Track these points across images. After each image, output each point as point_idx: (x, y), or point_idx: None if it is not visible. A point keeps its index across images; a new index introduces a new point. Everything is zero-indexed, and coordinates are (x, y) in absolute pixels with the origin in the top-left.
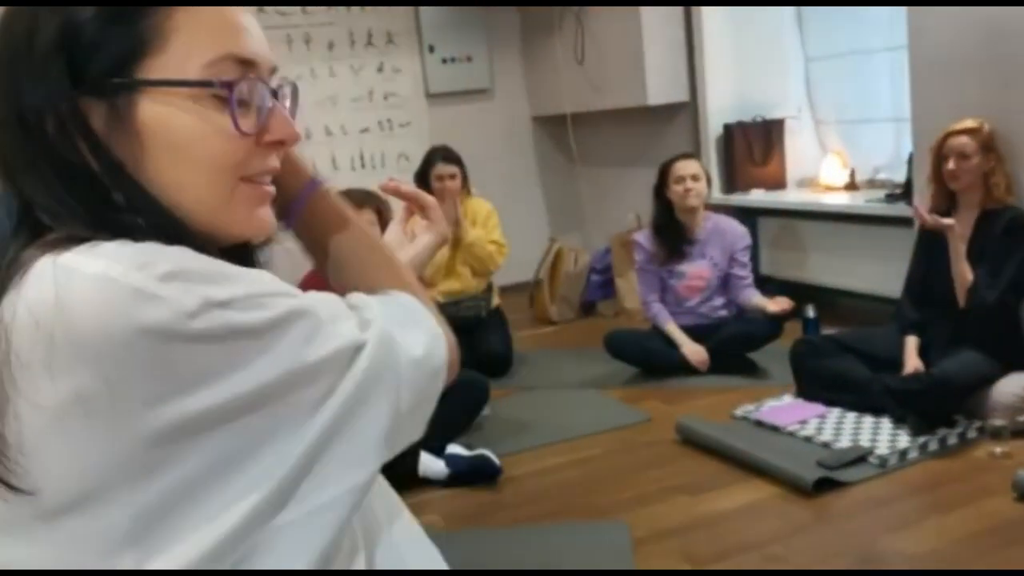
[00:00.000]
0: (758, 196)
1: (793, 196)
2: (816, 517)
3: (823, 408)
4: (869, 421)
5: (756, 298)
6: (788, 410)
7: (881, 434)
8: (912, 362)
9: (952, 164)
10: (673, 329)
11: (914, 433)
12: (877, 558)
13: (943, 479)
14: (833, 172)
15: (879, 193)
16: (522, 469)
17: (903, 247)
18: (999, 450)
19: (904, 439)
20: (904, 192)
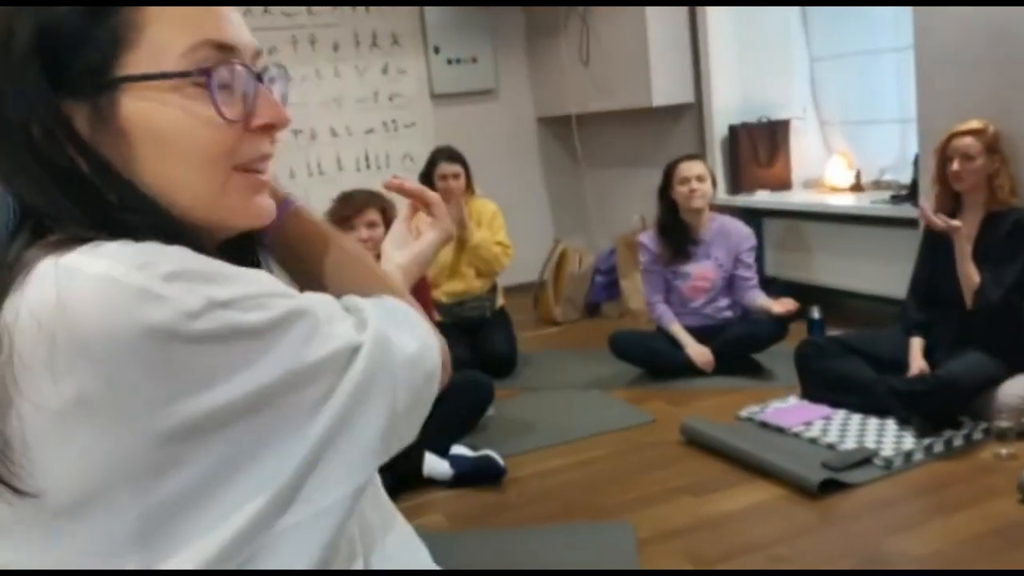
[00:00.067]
0: (763, 197)
1: (798, 197)
2: (821, 518)
3: (828, 409)
4: (874, 422)
5: (761, 299)
6: (793, 411)
7: (886, 436)
8: (917, 363)
9: (956, 165)
10: (678, 330)
11: (919, 435)
12: (882, 559)
13: (948, 481)
14: (838, 173)
15: (884, 194)
16: (526, 470)
17: (908, 248)
18: (1004, 452)
19: (909, 441)
20: (910, 193)
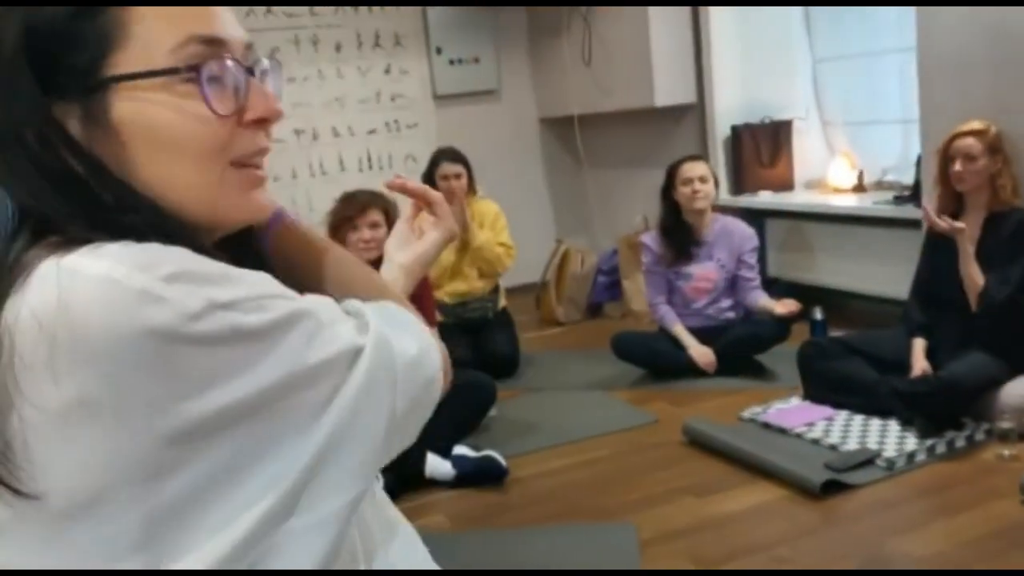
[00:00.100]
0: (766, 198)
1: (801, 198)
2: (823, 519)
3: (830, 410)
4: (876, 423)
5: (763, 300)
6: (795, 412)
7: (889, 436)
8: (919, 364)
9: (958, 166)
10: (680, 331)
11: (922, 436)
12: (884, 560)
13: (951, 482)
14: (841, 174)
15: (887, 195)
16: (529, 470)
17: (911, 249)
18: (1007, 453)
19: (912, 442)
20: (912, 194)
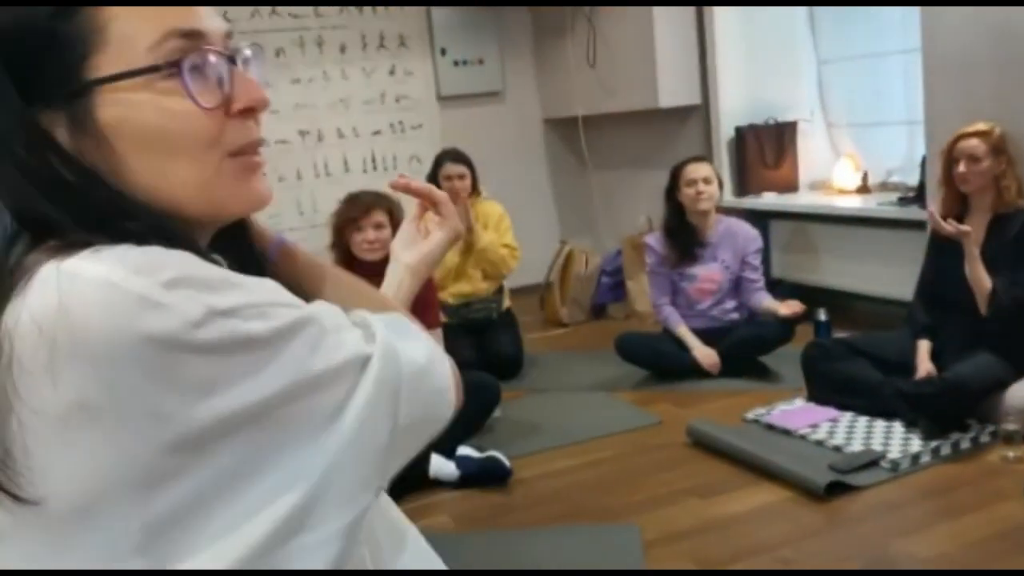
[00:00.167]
0: (770, 199)
1: (805, 199)
2: (827, 521)
3: (835, 412)
4: (881, 425)
5: (767, 301)
6: (799, 414)
7: (893, 438)
8: (924, 366)
9: (962, 167)
10: (684, 332)
11: (926, 437)
12: (889, 562)
13: (955, 483)
14: (845, 175)
15: (892, 196)
16: (532, 471)
17: (916, 250)
18: (1012, 454)
19: (916, 443)
20: (917, 195)
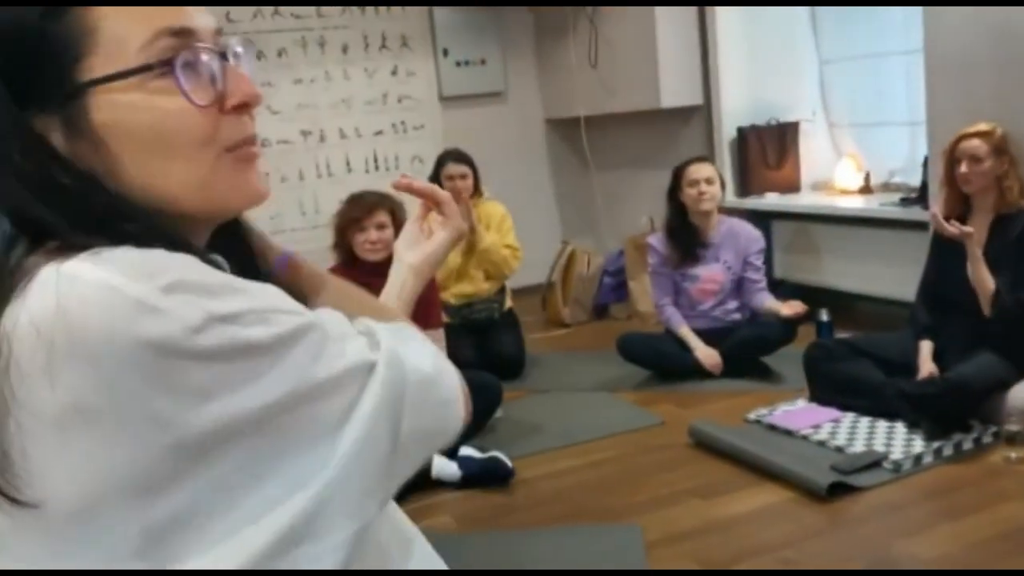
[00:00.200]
0: (772, 199)
1: (807, 199)
2: (830, 521)
3: (837, 412)
4: (883, 426)
5: (770, 302)
6: (801, 414)
7: (895, 439)
8: (926, 367)
9: (964, 167)
10: (686, 332)
11: (928, 438)
12: (891, 563)
13: (958, 484)
14: (848, 175)
15: (894, 197)
16: (534, 471)
17: (918, 251)
18: (1015, 455)
19: (918, 444)
20: (919, 196)
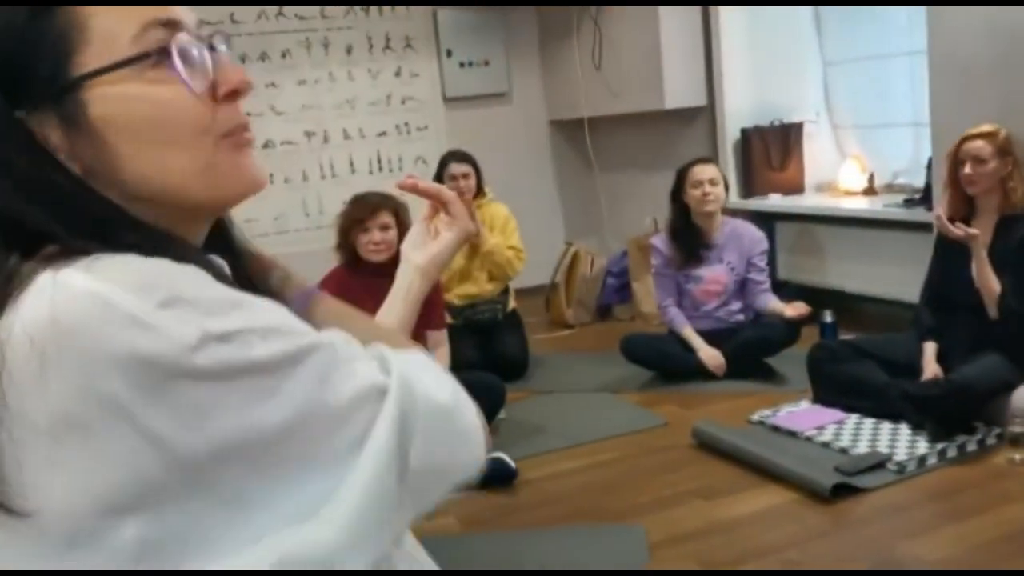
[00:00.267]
0: (776, 201)
1: (811, 201)
2: (833, 523)
3: (841, 414)
4: (887, 427)
5: (773, 303)
6: (805, 415)
7: (899, 440)
8: (930, 368)
9: (968, 168)
10: (690, 333)
11: (932, 439)
12: (895, 564)
13: (962, 486)
14: (851, 177)
15: (898, 198)
16: (538, 472)
17: (922, 252)
18: (1018, 457)
19: (922, 445)
20: (923, 197)
